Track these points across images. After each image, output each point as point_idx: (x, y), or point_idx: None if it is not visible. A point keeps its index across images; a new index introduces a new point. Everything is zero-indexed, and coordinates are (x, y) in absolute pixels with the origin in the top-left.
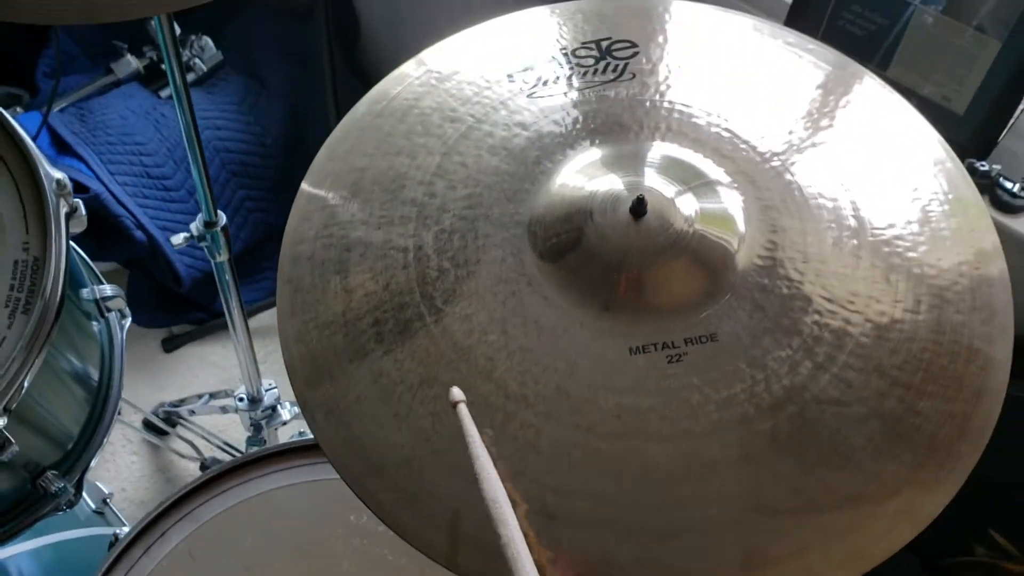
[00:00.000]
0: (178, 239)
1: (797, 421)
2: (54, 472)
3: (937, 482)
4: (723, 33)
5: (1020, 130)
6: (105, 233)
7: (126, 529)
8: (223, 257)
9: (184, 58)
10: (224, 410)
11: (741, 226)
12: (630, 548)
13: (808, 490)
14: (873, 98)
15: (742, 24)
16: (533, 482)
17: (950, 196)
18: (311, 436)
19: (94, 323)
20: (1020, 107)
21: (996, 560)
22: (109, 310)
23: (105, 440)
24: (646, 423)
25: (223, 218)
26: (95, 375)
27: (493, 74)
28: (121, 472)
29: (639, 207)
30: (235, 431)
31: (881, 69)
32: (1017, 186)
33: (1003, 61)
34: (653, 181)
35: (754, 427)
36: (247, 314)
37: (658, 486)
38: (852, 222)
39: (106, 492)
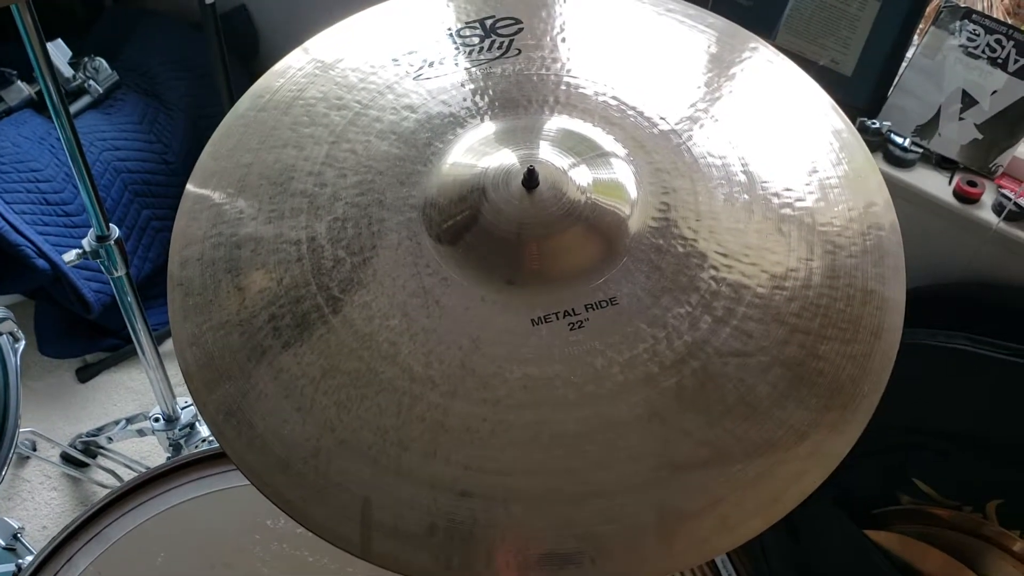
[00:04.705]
0: (70, 256)
1: (701, 375)
2: None
3: (844, 422)
4: (604, 4)
5: (905, 86)
6: (5, 264)
7: (30, 559)
8: (120, 272)
9: (78, 80)
10: (141, 433)
11: (633, 191)
12: (546, 516)
13: (717, 442)
14: (759, 59)
15: None
16: (443, 461)
17: (835, 145)
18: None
19: None
20: (904, 64)
21: (920, 506)
22: None
23: (5, 471)
24: (552, 391)
25: (116, 231)
26: None
27: (378, 59)
28: (40, 509)
29: (531, 179)
30: (158, 455)
31: (769, 38)
32: (907, 141)
33: (884, 21)
34: (546, 153)
35: (659, 385)
36: (162, 335)
37: (569, 452)
38: (742, 178)
39: (16, 527)
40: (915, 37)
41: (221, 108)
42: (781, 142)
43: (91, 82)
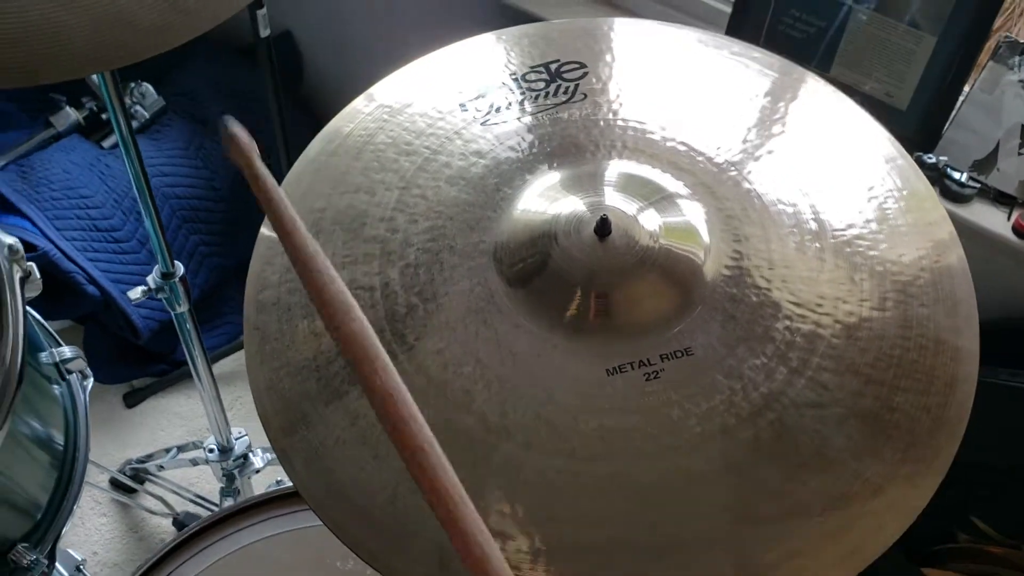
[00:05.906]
0: (136, 293)
1: (777, 427)
2: (25, 545)
3: (920, 475)
4: (669, 48)
5: (963, 121)
6: (56, 291)
7: None
8: (183, 308)
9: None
10: (194, 462)
11: (705, 237)
12: (623, 569)
13: (794, 495)
14: (820, 100)
15: (687, 37)
16: (521, 512)
17: (904, 192)
18: (287, 484)
19: (55, 386)
20: (961, 98)
21: (978, 544)
22: (70, 372)
23: (75, 505)
24: (629, 443)
25: (180, 268)
26: (60, 439)
27: (445, 104)
28: (91, 536)
29: (603, 227)
30: (207, 483)
31: (823, 70)
32: (964, 176)
33: (940, 55)
34: (614, 200)
35: (736, 437)
36: (211, 361)
37: (646, 505)
38: (813, 225)
39: (79, 559)
40: (972, 72)
41: (267, 132)
42: (849, 186)
43: (137, 107)
